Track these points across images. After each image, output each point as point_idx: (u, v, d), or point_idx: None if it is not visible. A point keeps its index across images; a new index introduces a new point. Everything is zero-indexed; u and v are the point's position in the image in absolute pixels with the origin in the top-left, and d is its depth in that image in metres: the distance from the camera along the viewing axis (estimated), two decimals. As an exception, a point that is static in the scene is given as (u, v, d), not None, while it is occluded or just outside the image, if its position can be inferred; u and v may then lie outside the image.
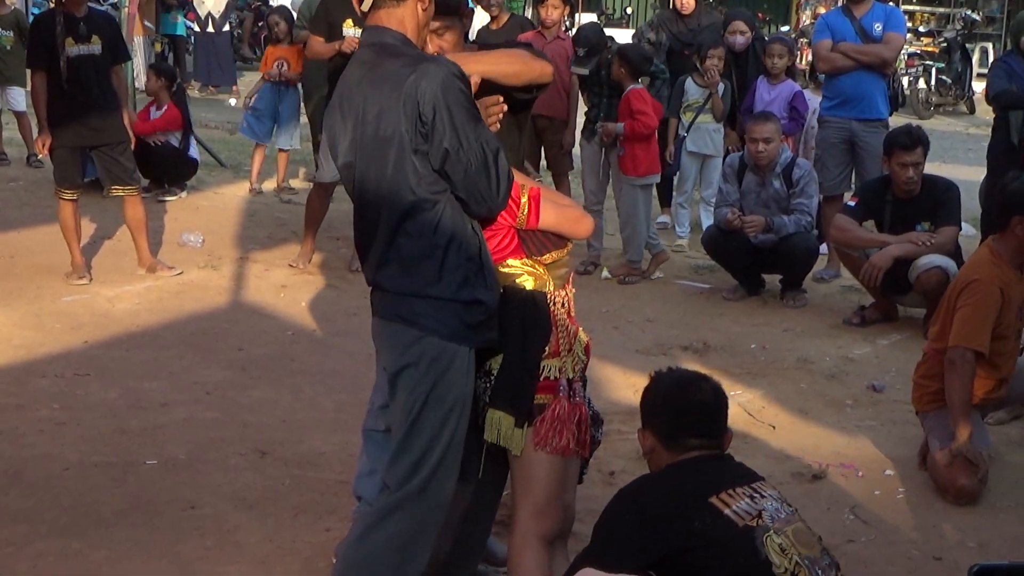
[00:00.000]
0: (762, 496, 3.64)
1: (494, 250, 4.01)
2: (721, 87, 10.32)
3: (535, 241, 4.08)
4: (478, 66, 4.05)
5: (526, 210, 4.02)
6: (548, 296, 4.07)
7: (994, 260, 5.93)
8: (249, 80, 15.13)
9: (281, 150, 12.32)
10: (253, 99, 12.30)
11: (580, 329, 4.16)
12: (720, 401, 3.91)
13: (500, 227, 4.03)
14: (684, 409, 3.84)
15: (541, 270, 4.08)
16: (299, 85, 12.06)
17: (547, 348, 4.01)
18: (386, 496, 3.90)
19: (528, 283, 4.06)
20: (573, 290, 4.21)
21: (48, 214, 9.45)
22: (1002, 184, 6.20)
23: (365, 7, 3.92)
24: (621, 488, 3.92)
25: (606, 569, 3.39)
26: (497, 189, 3.79)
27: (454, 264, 3.79)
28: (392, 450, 3.92)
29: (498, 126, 4.15)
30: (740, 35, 10.65)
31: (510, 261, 4.06)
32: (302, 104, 12.07)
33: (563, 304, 4.11)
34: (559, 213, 4.11)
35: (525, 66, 4.21)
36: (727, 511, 3.53)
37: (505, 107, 4.17)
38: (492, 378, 4.01)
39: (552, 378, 4.02)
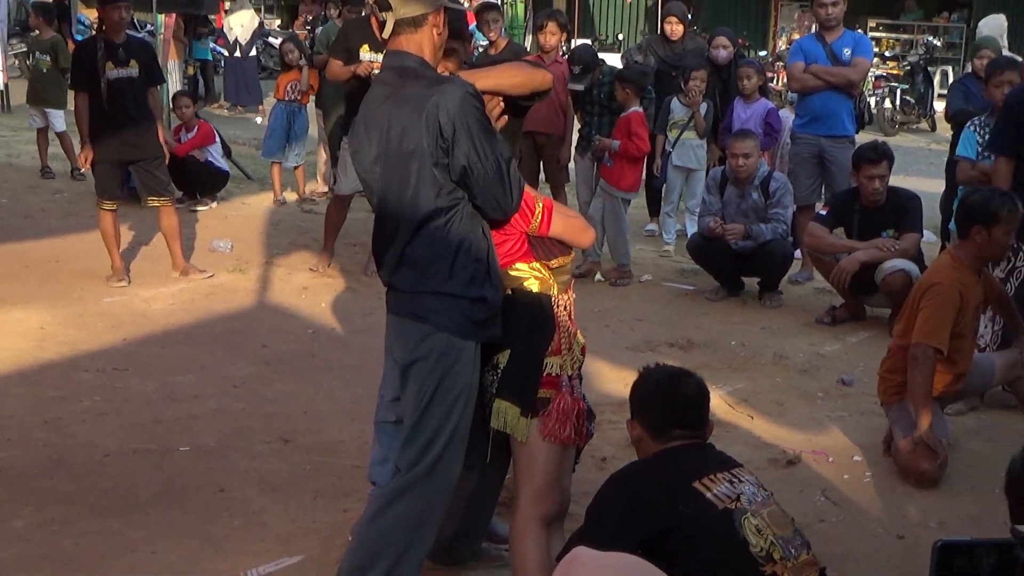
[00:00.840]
0: (740, 481, 3.65)
1: (506, 253, 4.04)
2: (704, 106, 10.34)
3: (544, 247, 4.10)
4: (487, 81, 4.07)
5: (539, 218, 4.05)
6: (552, 299, 4.09)
7: (955, 265, 5.93)
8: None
9: (295, 167, 12.31)
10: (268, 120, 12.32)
11: (578, 331, 4.19)
12: (703, 395, 3.92)
13: (513, 232, 4.05)
14: (670, 403, 3.85)
15: (547, 274, 4.10)
16: (307, 106, 12.06)
17: (550, 346, 4.03)
18: (397, 479, 3.90)
19: (534, 286, 4.07)
20: (573, 295, 4.23)
21: (90, 223, 9.45)
22: (963, 196, 6.20)
23: (386, 34, 3.94)
24: (612, 473, 3.92)
25: (598, 548, 3.39)
26: (511, 195, 3.83)
27: (463, 264, 3.81)
28: (404, 436, 3.93)
29: (504, 120, 4.19)
30: (723, 49, 10.69)
31: (518, 265, 4.07)
32: (316, 122, 12.11)
33: (565, 307, 4.13)
34: (567, 223, 4.15)
35: (528, 76, 4.21)
36: (708, 495, 3.53)
37: (502, 104, 4.18)
38: (499, 372, 4.02)
39: (554, 374, 4.03)
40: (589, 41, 23.89)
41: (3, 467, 5.46)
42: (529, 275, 4.08)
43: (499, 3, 14.23)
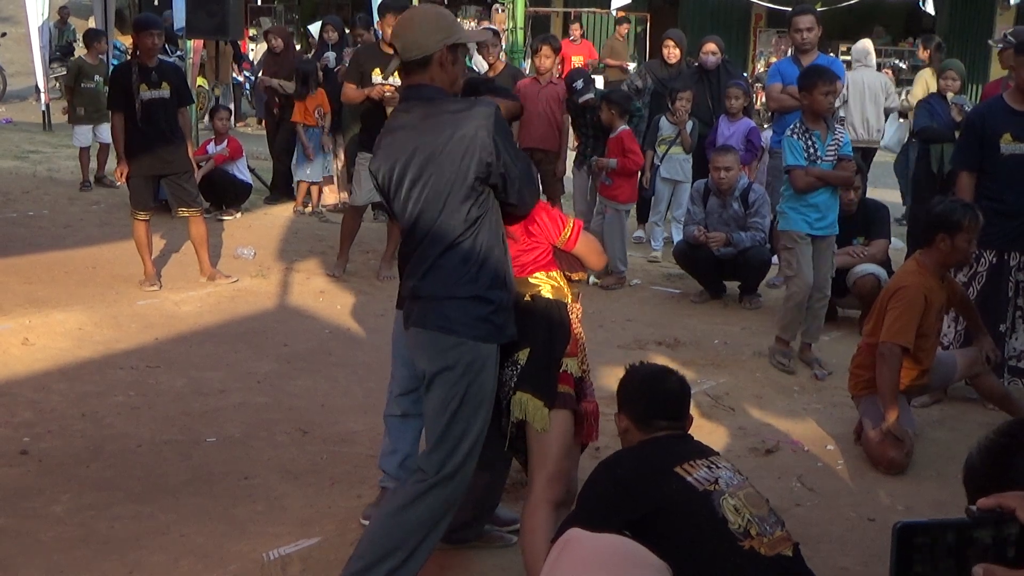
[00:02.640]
0: (717, 467, 3.65)
1: (533, 260, 4.15)
2: (689, 124, 10.34)
3: (568, 260, 4.23)
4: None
5: (569, 233, 4.19)
6: (568, 306, 4.17)
7: (920, 270, 5.93)
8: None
9: (312, 183, 12.30)
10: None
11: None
12: (685, 391, 3.94)
13: (542, 242, 4.16)
14: (655, 397, 3.86)
15: (563, 283, 4.19)
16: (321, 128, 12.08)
17: (567, 347, 4.11)
18: (421, 480, 3.86)
19: (548, 293, 4.14)
20: (579, 307, 4.29)
21: (124, 232, 9.45)
22: (928, 206, 6.19)
23: (398, 76, 4.05)
24: (600, 460, 3.92)
25: (588, 529, 3.39)
26: (537, 190, 4.06)
27: (487, 271, 3.82)
28: (430, 441, 3.90)
29: None
30: (712, 56, 10.66)
31: (537, 273, 4.15)
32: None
33: (576, 315, 4.22)
34: (588, 244, 4.28)
35: (514, 105, 4.50)
36: (689, 478, 3.54)
37: None
38: (518, 367, 4.04)
39: (569, 372, 4.10)
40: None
41: (44, 456, 5.46)
42: (546, 283, 4.15)
43: (498, 29, 14.21)
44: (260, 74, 12.87)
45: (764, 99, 14.24)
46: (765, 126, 11.59)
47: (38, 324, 7.57)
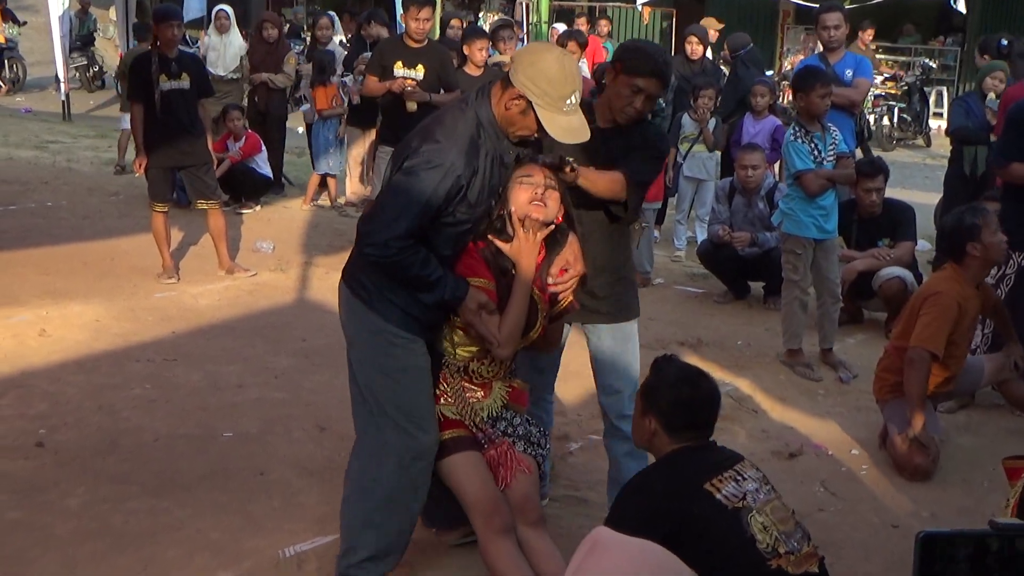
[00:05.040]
0: (744, 478, 3.62)
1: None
2: (712, 122, 10.30)
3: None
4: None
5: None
6: (443, 360, 4.12)
7: (956, 277, 5.91)
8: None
9: (327, 175, 12.32)
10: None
11: (490, 393, 4.19)
12: (717, 399, 3.88)
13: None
14: (688, 405, 3.78)
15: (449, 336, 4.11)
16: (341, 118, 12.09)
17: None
18: None
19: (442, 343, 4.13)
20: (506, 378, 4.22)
21: (143, 224, 9.48)
22: (951, 218, 6.15)
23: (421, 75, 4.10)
24: (626, 484, 3.91)
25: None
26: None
27: None
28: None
29: None
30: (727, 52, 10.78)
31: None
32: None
33: (464, 370, 4.12)
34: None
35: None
36: (718, 495, 3.51)
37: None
38: None
39: (452, 418, 4.11)
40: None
41: (60, 449, 5.48)
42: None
43: (519, 22, 14.17)
44: (247, 66, 12.78)
45: (791, 96, 14.21)
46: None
47: (55, 315, 7.60)
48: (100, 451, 5.49)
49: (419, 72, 8.88)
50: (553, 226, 4.03)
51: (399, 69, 8.89)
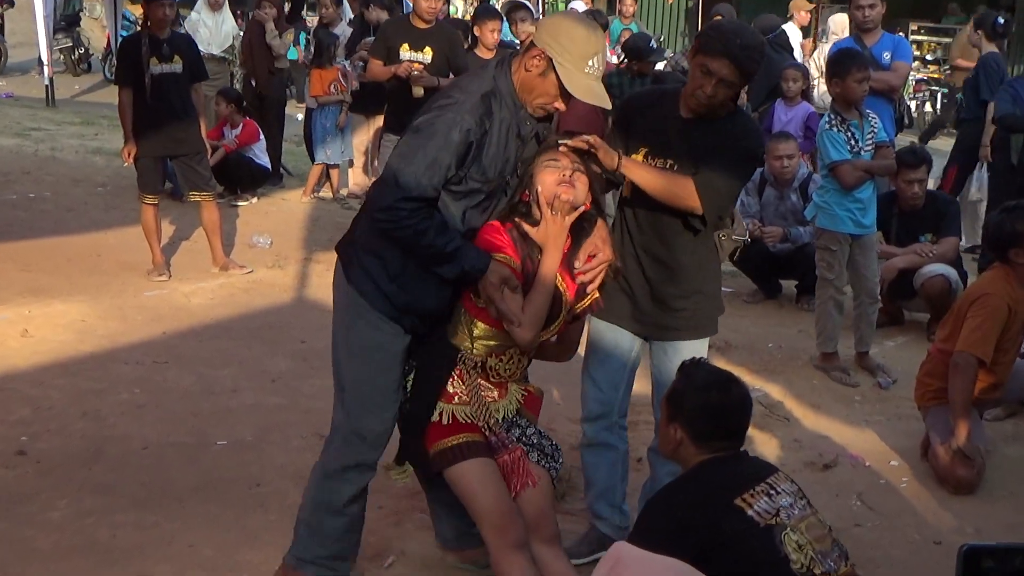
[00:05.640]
0: (777, 492, 3.59)
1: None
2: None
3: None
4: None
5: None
6: (461, 355, 4.10)
7: (1006, 278, 5.88)
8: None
9: (328, 165, 12.32)
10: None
11: (508, 391, 4.19)
12: (748, 407, 3.85)
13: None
14: (717, 414, 3.75)
15: (467, 330, 4.09)
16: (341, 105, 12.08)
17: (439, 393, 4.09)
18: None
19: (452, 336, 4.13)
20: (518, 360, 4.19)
21: (132, 217, 9.49)
22: (994, 218, 6.12)
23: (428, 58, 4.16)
24: (651, 498, 3.89)
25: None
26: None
27: None
28: None
29: None
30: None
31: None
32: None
33: (477, 367, 4.11)
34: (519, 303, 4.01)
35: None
36: (750, 511, 3.49)
37: None
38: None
39: (467, 420, 4.08)
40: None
41: (42, 457, 5.49)
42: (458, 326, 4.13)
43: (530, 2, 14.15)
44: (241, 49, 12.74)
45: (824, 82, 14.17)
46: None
47: (38, 315, 7.62)
48: (85, 460, 5.49)
49: (427, 55, 8.87)
50: (581, 211, 4.01)
51: (405, 52, 8.88)
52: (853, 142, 6.93)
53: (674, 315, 4.55)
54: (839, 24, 11.90)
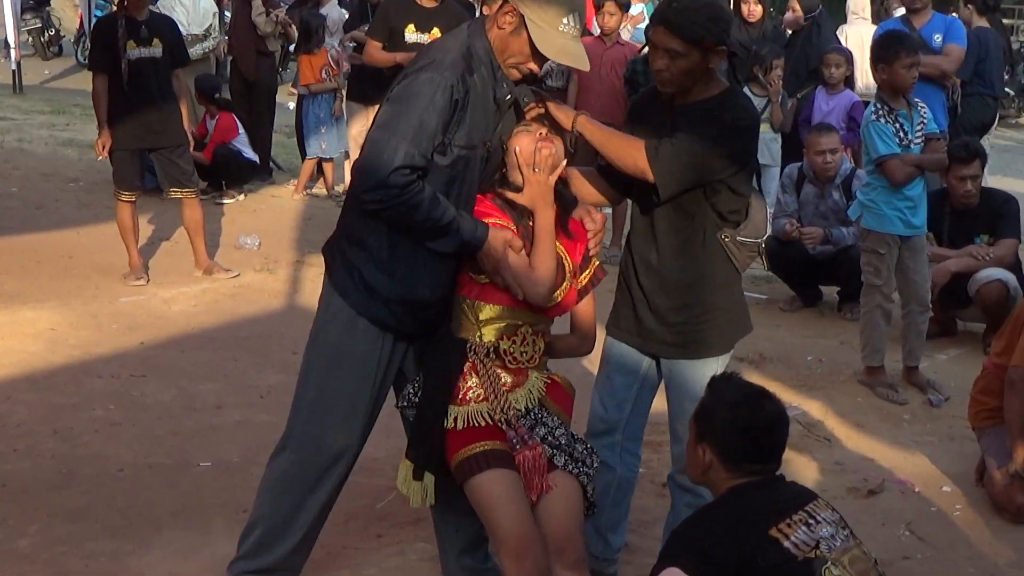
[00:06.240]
0: (817, 521, 3.58)
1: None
2: (780, 97, 10.27)
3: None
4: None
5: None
6: (470, 344, 4.14)
7: None
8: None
9: (323, 159, 12.31)
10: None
11: (531, 376, 4.20)
12: (784, 426, 3.82)
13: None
14: (750, 435, 3.71)
15: (472, 317, 4.16)
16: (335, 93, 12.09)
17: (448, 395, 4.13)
18: None
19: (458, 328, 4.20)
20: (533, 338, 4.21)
21: (107, 215, 9.51)
22: None
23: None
24: (676, 528, 3.87)
25: None
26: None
27: None
28: None
29: None
30: (791, 12, 10.75)
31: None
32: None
33: (489, 354, 4.14)
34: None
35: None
36: (786, 543, 3.47)
37: None
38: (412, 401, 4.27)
39: (484, 423, 4.09)
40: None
41: (9, 480, 5.50)
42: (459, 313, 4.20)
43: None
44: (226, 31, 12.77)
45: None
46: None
47: (4, 323, 7.64)
48: (55, 483, 5.50)
49: (434, 37, 8.85)
50: (561, 169, 4.13)
51: (411, 33, 8.83)
52: (902, 134, 6.92)
53: (670, 330, 4.49)
54: (859, 3, 11.92)
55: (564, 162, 4.12)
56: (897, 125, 6.91)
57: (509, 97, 4.10)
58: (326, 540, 5.01)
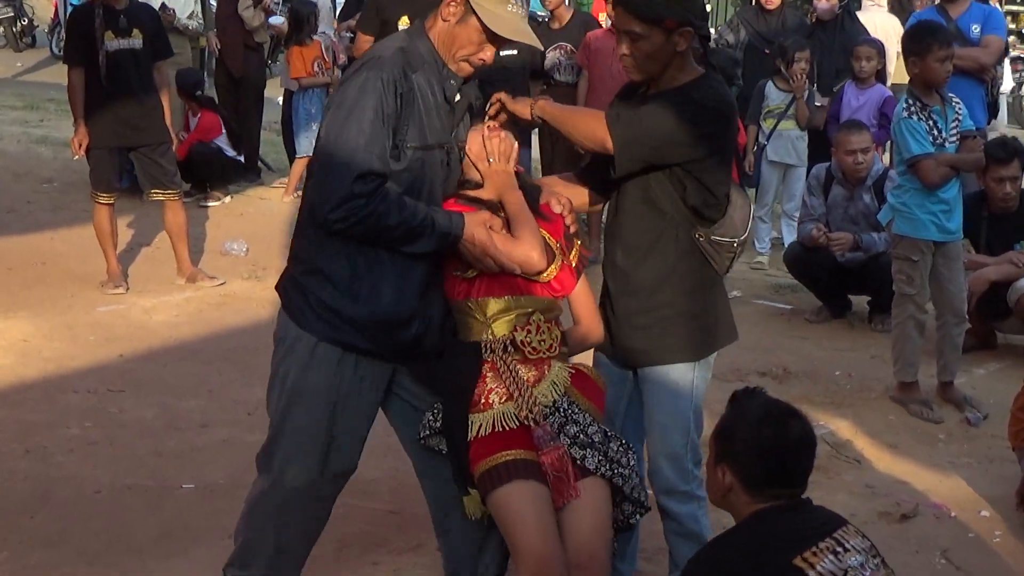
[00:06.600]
0: (846, 549, 3.56)
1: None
2: (806, 93, 10.27)
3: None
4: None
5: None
6: (484, 343, 4.18)
7: None
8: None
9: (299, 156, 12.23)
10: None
11: (550, 367, 4.22)
12: (811, 446, 3.80)
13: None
14: (774, 456, 3.69)
15: (480, 316, 4.20)
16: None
17: (469, 403, 4.14)
18: None
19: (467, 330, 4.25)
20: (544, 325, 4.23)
21: (83, 218, 9.53)
22: None
23: None
24: (693, 557, 3.86)
25: None
26: None
27: None
28: None
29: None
30: (825, 1, 10.70)
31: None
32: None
33: (506, 348, 4.17)
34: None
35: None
36: (812, 573, 3.46)
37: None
38: (433, 425, 4.27)
39: (506, 428, 4.09)
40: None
41: (-23, 503, 5.51)
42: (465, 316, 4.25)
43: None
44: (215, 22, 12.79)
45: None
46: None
47: (-28, 334, 7.65)
48: (28, 506, 5.51)
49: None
50: (516, 153, 4.29)
51: (405, 26, 8.83)
52: (935, 132, 6.92)
53: (636, 334, 4.48)
54: None
55: (517, 146, 4.27)
56: (931, 122, 6.91)
57: (460, 99, 4.18)
58: (320, 569, 5.02)
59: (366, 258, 4.04)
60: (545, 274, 4.18)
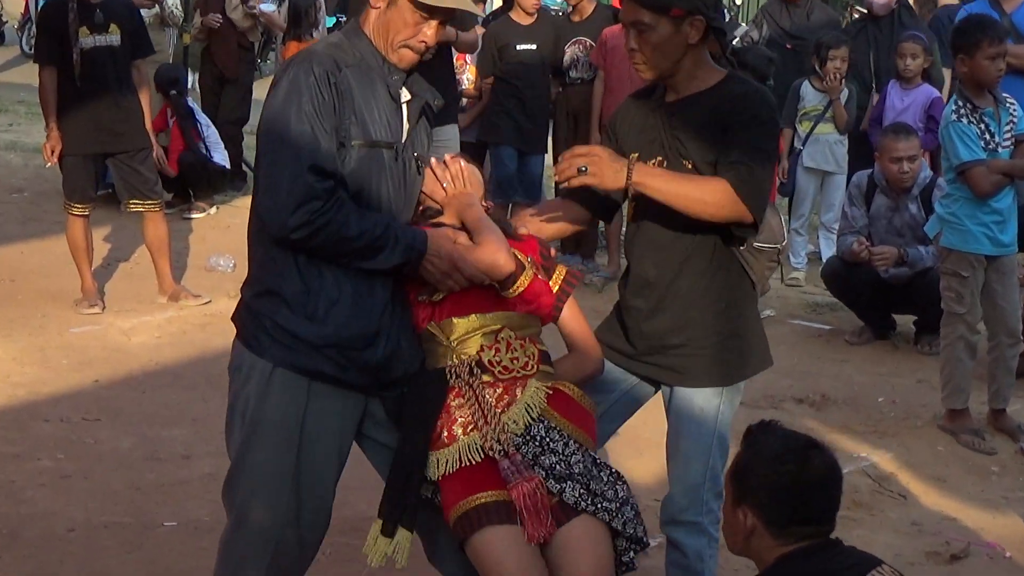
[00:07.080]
0: (885, 595, 3.57)
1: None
2: (844, 93, 10.26)
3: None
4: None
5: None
6: (448, 369, 4.19)
7: None
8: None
9: None
10: None
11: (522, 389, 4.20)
12: (837, 481, 3.79)
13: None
14: (796, 494, 3.68)
15: (444, 338, 4.23)
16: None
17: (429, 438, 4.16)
18: None
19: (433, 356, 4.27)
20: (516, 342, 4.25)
21: (56, 231, 9.55)
22: None
23: None
24: None
25: None
26: None
27: None
28: None
29: None
30: None
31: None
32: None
33: (472, 371, 4.19)
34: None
35: None
36: None
37: None
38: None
39: (472, 461, 4.10)
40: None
41: (-59, 542, 5.53)
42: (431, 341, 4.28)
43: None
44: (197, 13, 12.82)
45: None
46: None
47: (-65, 358, 7.68)
48: (-5, 545, 5.53)
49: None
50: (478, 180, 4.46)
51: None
52: (987, 136, 6.92)
53: (670, 353, 4.48)
54: None
55: (475, 169, 4.43)
56: (982, 126, 6.91)
57: (413, 98, 4.23)
58: (311, 612, 5.04)
59: (319, 272, 4.05)
60: (514, 287, 4.20)
